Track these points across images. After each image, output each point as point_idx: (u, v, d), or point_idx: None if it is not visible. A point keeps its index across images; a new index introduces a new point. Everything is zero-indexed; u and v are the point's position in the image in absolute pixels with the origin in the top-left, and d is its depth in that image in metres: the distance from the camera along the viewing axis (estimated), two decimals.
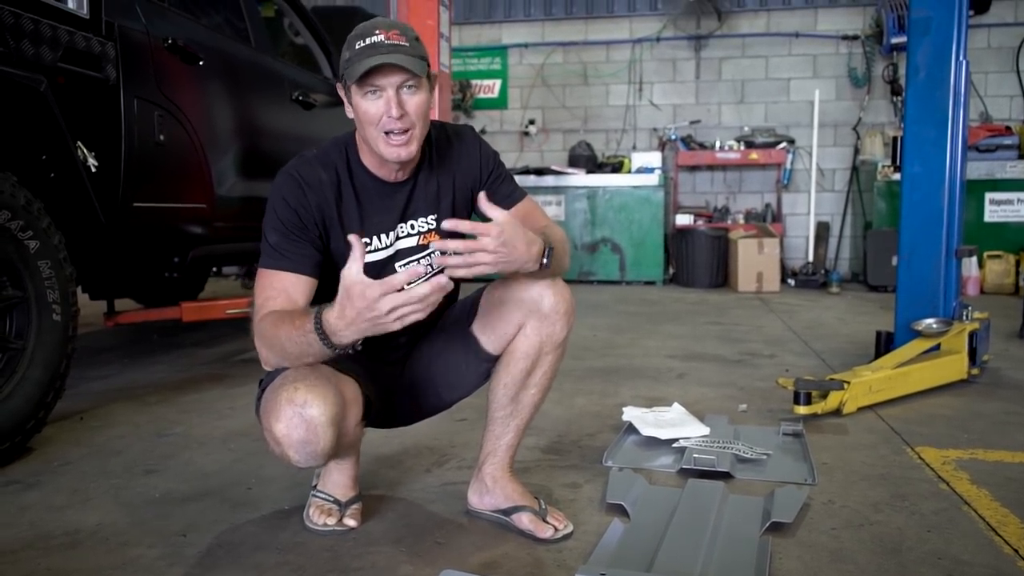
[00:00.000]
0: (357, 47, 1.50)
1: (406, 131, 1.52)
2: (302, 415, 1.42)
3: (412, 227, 1.67)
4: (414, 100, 1.53)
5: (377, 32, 1.50)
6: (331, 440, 1.46)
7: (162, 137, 2.74)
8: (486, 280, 1.73)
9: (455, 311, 1.76)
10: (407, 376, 1.76)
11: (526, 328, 1.63)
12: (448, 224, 1.46)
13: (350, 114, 1.59)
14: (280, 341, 1.45)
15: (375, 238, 1.63)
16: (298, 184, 1.57)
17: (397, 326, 1.34)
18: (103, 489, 1.95)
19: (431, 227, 1.68)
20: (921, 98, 3.16)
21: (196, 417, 2.63)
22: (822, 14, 7.49)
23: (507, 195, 1.71)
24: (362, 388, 1.61)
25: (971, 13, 3.22)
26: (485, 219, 1.47)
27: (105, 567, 1.53)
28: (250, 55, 3.46)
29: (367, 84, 1.50)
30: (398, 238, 1.66)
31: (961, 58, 3.10)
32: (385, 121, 1.51)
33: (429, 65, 1.55)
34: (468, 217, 1.78)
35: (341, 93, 1.60)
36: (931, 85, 3.13)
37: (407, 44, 1.51)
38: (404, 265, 1.66)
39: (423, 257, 1.68)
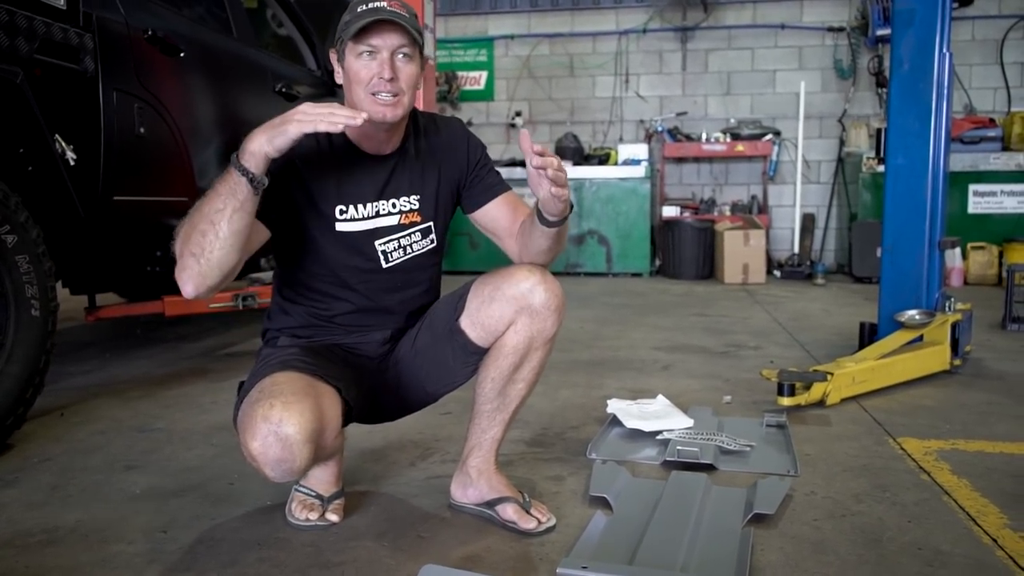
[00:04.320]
0: (359, 10, 1.52)
1: (395, 95, 1.53)
2: (277, 433, 1.38)
3: (394, 206, 1.67)
4: (407, 69, 1.54)
5: None
6: (307, 457, 1.43)
7: (142, 130, 2.71)
8: (473, 273, 1.74)
9: (440, 306, 1.75)
10: (392, 372, 1.75)
11: (516, 324, 1.62)
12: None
13: (339, 79, 1.60)
14: (196, 205, 1.44)
15: (351, 207, 1.63)
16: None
17: (293, 128, 1.38)
18: (83, 485, 1.93)
19: (413, 207, 1.69)
20: (905, 90, 3.17)
21: (178, 412, 2.61)
22: (808, 6, 7.50)
23: (492, 185, 1.72)
24: (343, 396, 1.56)
25: (955, 5, 3.25)
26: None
27: (84, 564, 1.51)
28: (232, 47, 3.43)
29: (364, 43, 1.51)
30: (378, 214, 1.66)
31: (944, 50, 3.11)
32: (376, 82, 1.52)
33: (422, 45, 1.57)
34: (452, 208, 1.77)
35: (333, 59, 1.60)
36: (915, 77, 3.14)
37: (407, 15, 1.53)
38: (384, 243, 1.67)
39: (403, 236, 1.68)
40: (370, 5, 1.51)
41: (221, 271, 1.43)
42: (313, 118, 1.39)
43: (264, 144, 1.41)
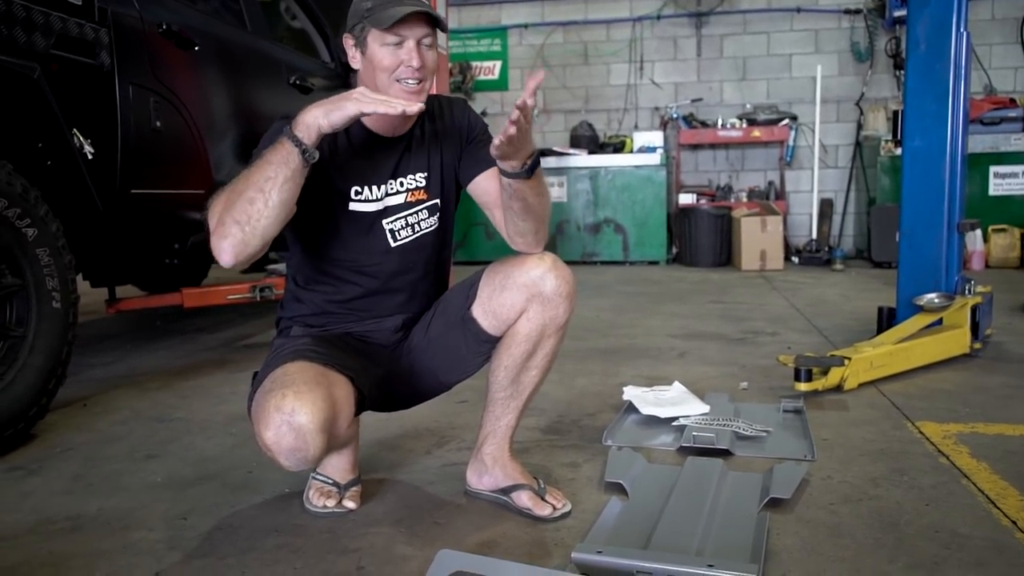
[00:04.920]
0: None
1: (420, 81, 1.56)
2: (290, 423, 1.39)
3: (401, 184, 1.69)
4: (431, 55, 1.58)
5: None
6: (321, 446, 1.44)
7: (158, 123, 2.74)
8: (483, 263, 1.74)
9: (452, 295, 1.76)
10: (406, 360, 1.76)
11: (529, 312, 1.63)
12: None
13: (356, 64, 1.61)
14: (243, 175, 1.46)
15: (366, 188, 1.65)
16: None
17: (352, 106, 1.44)
18: (105, 474, 1.97)
19: (420, 185, 1.70)
20: (921, 71, 3.13)
21: (197, 402, 2.64)
22: None
23: (485, 157, 1.68)
24: (355, 385, 1.57)
25: None
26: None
27: (106, 551, 1.54)
28: (246, 39, 3.44)
29: (393, 33, 1.52)
30: (387, 194, 1.67)
31: (962, 30, 3.07)
32: (402, 70, 1.54)
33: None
34: (457, 186, 1.77)
35: (348, 43, 1.60)
36: (931, 58, 3.10)
37: (427, 2, 1.53)
38: (392, 222, 1.68)
39: (410, 214, 1.70)
40: None
41: (263, 240, 1.44)
42: (372, 100, 1.45)
43: (320, 117, 1.45)
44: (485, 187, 1.71)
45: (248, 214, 1.42)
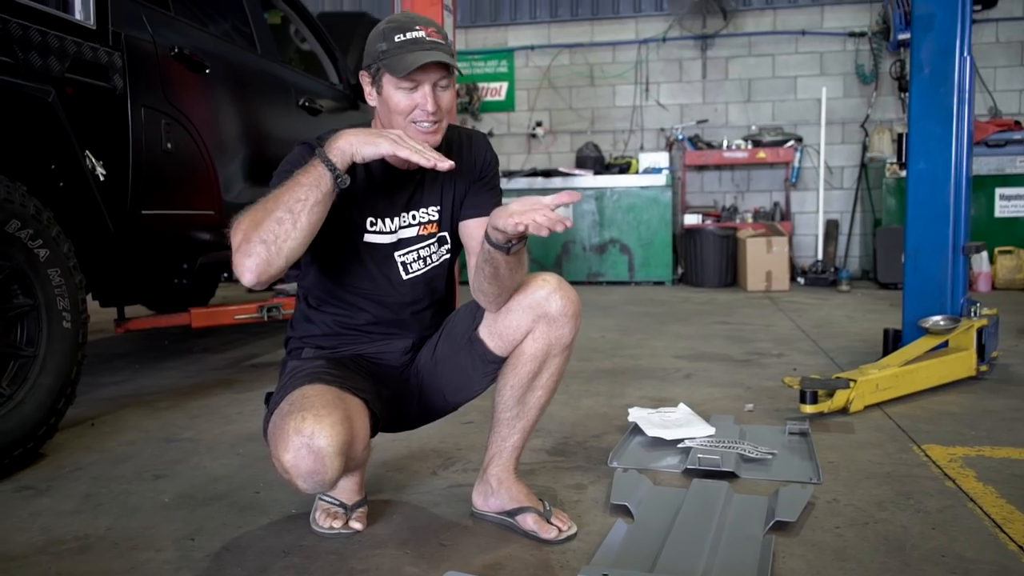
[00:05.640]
0: (397, 40, 1.54)
1: (436, 123, 1.58)
2: (310, 446, 1.40)
3: (414, 217, 1.71)
4: (446, 96, 1.60)
5: (417, 28, 1.55)
6: (339, 469, 1.44)
7: (169, 145, 2.77)
8: None
9: (458, 316, 1.77)
10: (414, 381, 1.77)
11: (534, 332, 1.64)
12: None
13: (372, 101, 1.63)
14: (272, 195, 1.46)
15: (380, 220, 1.67)
16: (314, 148, 1.55)
17: (386, 146, 1.47)
18: (113, 494, 1.98)
19: (432, 219, 1.72)
20: (925, 95, 3.15)
21: (205, 422, 2.65)
22: (828, 11, 7.47)
23: (483, 204, 1.71)
24: (370, 408, 1.59)
25: (978, 8, 3.22)
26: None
27: (115, 571, 1.55)
28: (256, 62, 3.49)
29: (409, 78, 1.54)
30: (400, 227, 1.70)
31: (965, 54, 3.09)
32: (417, 113, 1.57)
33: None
34: (460, 207, 1.78)
35: (365, 80, 1.62)
36: (935, 82, 3.12)
37: (444, 43, 1.57)
38: (404, 255, 1.70)
39: (422, 247, 1.72)
40: (408, 35, 1.54)
41: (287, 261, 1.44)
42: (408, 148, 1.47)
43: (356, 145, 1.47)
44: (472, 232, 1.71)
45: (276, 234, 1.42)
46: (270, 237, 1.42)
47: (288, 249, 1.43)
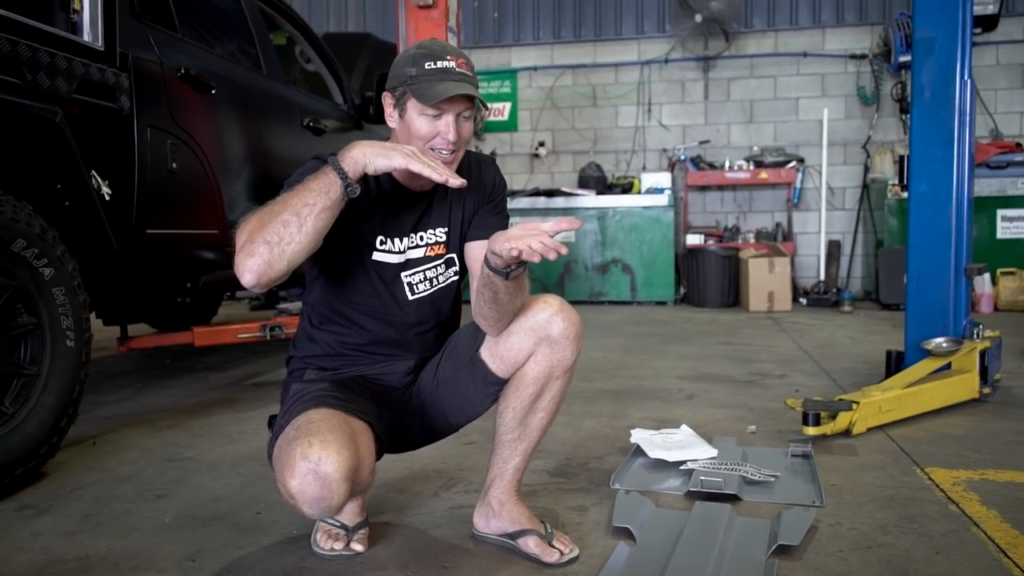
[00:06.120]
0: (427, 67, 1.56)
1: (454, 152, 1.60)
2: (316, 472, 1.39)
3: (421, 238, 1.72)
4: (467, 127, 1.62)
5: (448, 58, 1.58)
6: (345, 494, 1.44)
7: (175, 165, 2.79)
8: None
9: (460, 336, 1.77)
10: (416, 401, 1.77)
11: (536, 355, 1.64)
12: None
13: (392, 123, 1.64)
14: (281, 198, 1.46)
15: (389, 239, 1.68)
16: (327, 160, 1.55)
17: (399, 159, 1.47)
18: (114, 514, 1.97)
19: (440, 240, 1.73)
20: (926, 118, 3.16)
21: (207, 441, 2.65)
22: (830, 33, 7.52)
23: (488, 227, 1.72)
24: (375, 431, 1.59)
25: (978, 31, 3.24)
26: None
27: None
28: (262, 83, 3.52)
29: (435, 107, 1.56)
30: (409, 247, 1.71)
31: (966, 77, 3.11)
32: (438, 141, 1.59)
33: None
34: (468, 229, 1.79)
35: (389, 101, 1.63)
36: (936, 104, 3.14)
37: (472, 76, 1.59)
38: (411, 275, 1.71)
39: (428, 268, 1.72)
40: (439, 64, 1.56)
41: (288, 265, 1.44)
42: (421, 163, 1.48)
43: (368, 156, 1.48)
44: (475, 255, 1.72)
45: (280, 236, 1.42)
46: (274, 239, 1.42)
47: (291, 252, 1.43)
